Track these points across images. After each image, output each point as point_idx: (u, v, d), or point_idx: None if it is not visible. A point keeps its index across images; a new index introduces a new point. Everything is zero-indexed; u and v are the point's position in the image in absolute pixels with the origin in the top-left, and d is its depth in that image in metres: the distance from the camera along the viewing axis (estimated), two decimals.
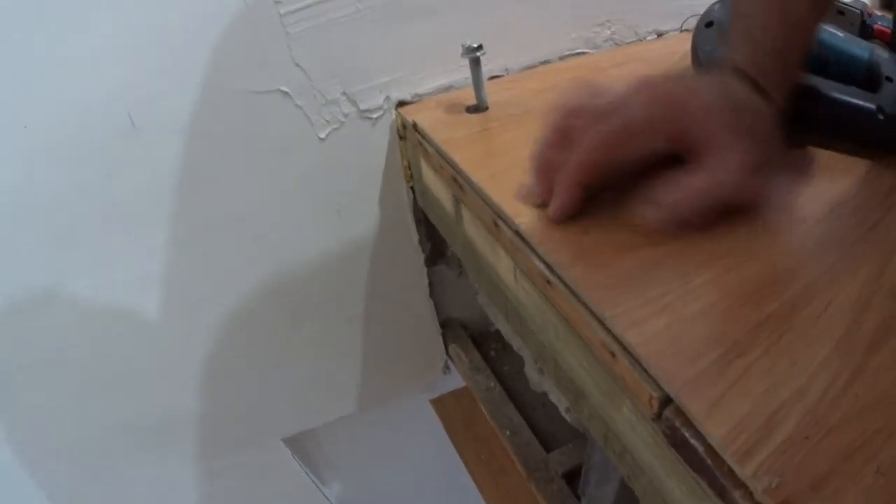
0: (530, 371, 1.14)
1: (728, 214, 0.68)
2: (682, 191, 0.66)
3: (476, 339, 1.30)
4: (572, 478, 1.06)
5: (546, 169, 0.71)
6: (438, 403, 1.42)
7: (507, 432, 1.14)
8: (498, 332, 1.28)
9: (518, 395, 1.19)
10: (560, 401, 1.03)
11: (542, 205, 0.70)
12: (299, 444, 1.33)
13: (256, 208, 0.99)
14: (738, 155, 0.66)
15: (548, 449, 1.11)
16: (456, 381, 1.35)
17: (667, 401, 0.53)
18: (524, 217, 0.71)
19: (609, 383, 0.61)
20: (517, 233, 0.70)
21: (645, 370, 0.54)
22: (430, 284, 1.20)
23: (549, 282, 0.65)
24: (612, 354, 0.57)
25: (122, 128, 0.86)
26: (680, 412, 0.52)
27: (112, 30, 0.81)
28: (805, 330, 0.56)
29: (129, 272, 0.96)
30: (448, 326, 1.29)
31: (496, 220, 0.74)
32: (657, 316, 0.57)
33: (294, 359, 1.17)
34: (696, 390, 0.51)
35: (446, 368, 1.34)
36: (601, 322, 0.59)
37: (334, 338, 1.19)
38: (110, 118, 0.85)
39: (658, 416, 0.54)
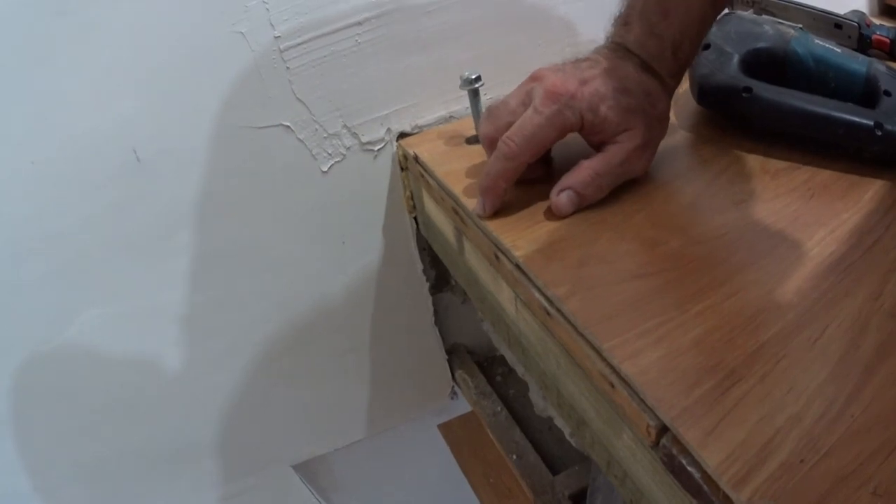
0: (535, 396, 1.15)
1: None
2: (580, 173, 0.75)
3: (482, 364, 1.30)
4: (578, 500, 1.06)
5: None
6: (446, 428, 1.42)
7: (514, 456, 1.14)
8: (503, 357, 1.28)
9: (524, 419, 1.20)
10: (564, 425, 1.04)
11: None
12: (309, 470, 1.32)
13: (262, 240, 1.00)
14: (632, 137, 0.75)
15: (554, 472, 1.11)
16: (464, 405, 1.35)
17: (664, 429, 0.54)
18: (523, 249, 0.72)
19: (609, 412, 0.62)
20: (517, 265, 0.72)
21: (642, 400, 0.55)
22: (436, 312, 1.20)
23: (548, 313, 0.66)
24: (611, 385, 0.58)
25: (127, 163, 0.87)
26: (677, 440, 0.53)
27: (115, 66, 0.82)
28: (801, 355, 0.58)
29: (138, 303, 0.97)
30: (454, 352, 1.29)
31: (496, 252, 0.75)
32: (654, 346, 0.59)
33: (302, 386, 1.17)
34: (691, 419, 0.52)
35: (453, 394, 1.34)
36: (599, 353, 0.60)
37: (341, 365, 1.18)
38: (115, 153, 0.86)
39: (656, 444, 0.55)
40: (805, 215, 0.74)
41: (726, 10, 0.96)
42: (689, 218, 0.75)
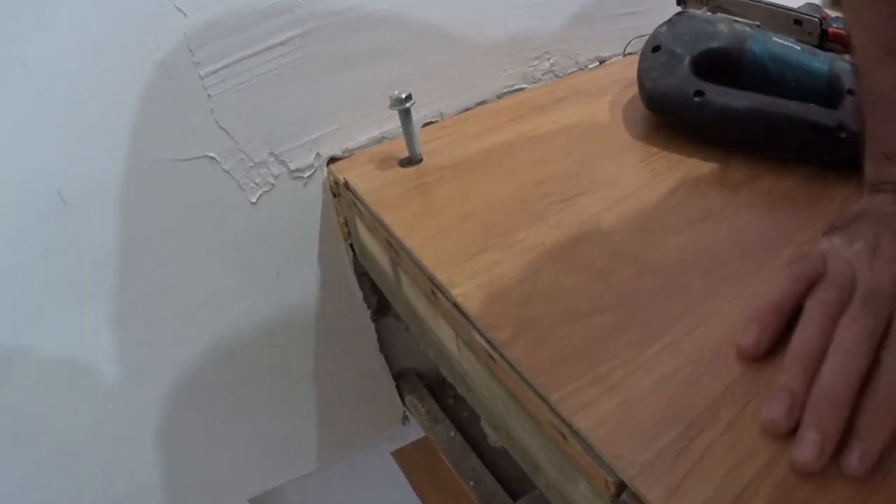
0: (487, 428, 1.12)
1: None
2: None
3: (432, 387, 1.28)
4: None
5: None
6: (400, 455, 1.40)
7: (472, 483, 1.11)
8: None
9: (479, 444, 1.17)
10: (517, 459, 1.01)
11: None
12: (265, 503, 1.30)
13: (194, 277, 0.98)
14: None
15: (514, 496, 1.08)
16: (417, 430, 1.33)
17: (624, 484, 0.50)
18: (461, 287, 0.68)
19: (563, 461, 0.58)
20: (454, 304, 0.68)
21: (598, 456, 0.51)
22: (380, 338, 1.18)
23: (491, 357, 0.62)
24: (564, 437, 0.55)
25: (53, 205, 0.84)
26: (638, 497, 0.49)
27: (35, 103, 0.79)
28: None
29: (73, 349, 0.94)
30: (403, 377, 1.27)
31: (433, 289, 0.71)
32: (608, 394, 0.55)
33: (248, 421, 1.15)
34: (652, 477, 0.49)
35: (405, 419, 1.32)
36: (548, 404, 0.56)
37: (288, 397, 1.17)
38: (40, 196, 0.83)
39: (616, 498, 0.51)
40: (769, 231, 0.72)
41: (679, 9, 0.94)
42: (641, 243, 0.72)
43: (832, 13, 0.99)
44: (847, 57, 0.84)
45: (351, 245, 1.04)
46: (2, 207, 0.82)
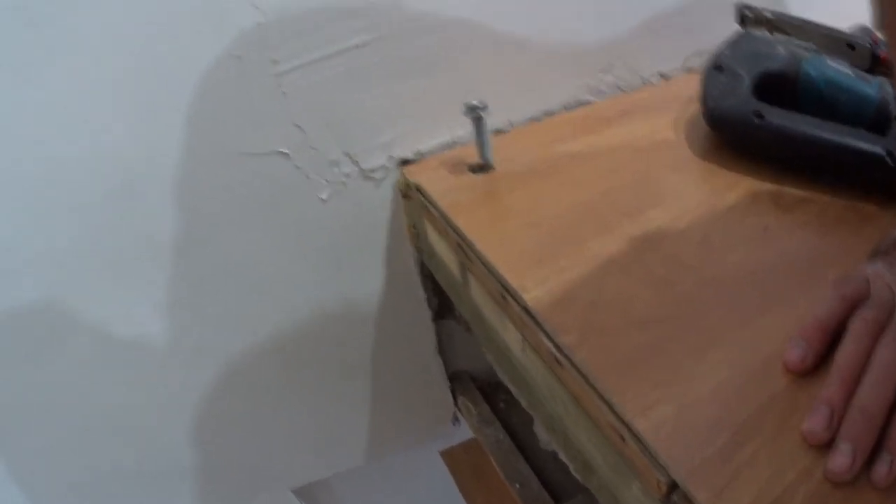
0: (540, 430, 1.15)
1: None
2: None
3: (484, 389, 1.30)
4: None
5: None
6: (448, 455, 1.43)
7: (517, 485, 1.14)
8: None
9: (527, 447, 1.20)
10: (569, 462, 1.05)
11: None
12: (309, 494, 1.33)
13: (257, 267, 1.00)
14: None
15: (557, 501, 1.11)
16: (466, 430, 1.36)
17: (675, 485, 0.55)
18: (532, 292, 0.72)
19: (618, 462, 0.63)
20: (525, 308, 0.72)
21: (654, 456, 0.56)
22: (439, 339, 1.21)
23: (557, 360, 0.67)
24: (622, 438, 0.59)
25: (117, 186, 0.87)
26: (687, 498, 0.54)
27: (107, 87, 0.82)
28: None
29: (129, 327, 0.97)
30: (457, 379, 1.30)
31: (503, 292, 0.76)
32: (667, 400, 0.59)
33: (298, 411, 1.17)
34: (702, 478, 0.53)
35: (455, 420, 1.35)
36: (610, 406, 0.60)
37: (342, 390, 1.19)
38: (108, 175, 0.87)
39: (667, 498, 0.56)
40: (819, 251, 0.75)
41: (740, 30, 0.97)
42: (701, 256, 0.76)
43: (881, 36, 1.01)
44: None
45: (417, 246, 1.06)
46: (70, 180, 0.85)
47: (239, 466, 1.19)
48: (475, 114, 0.91)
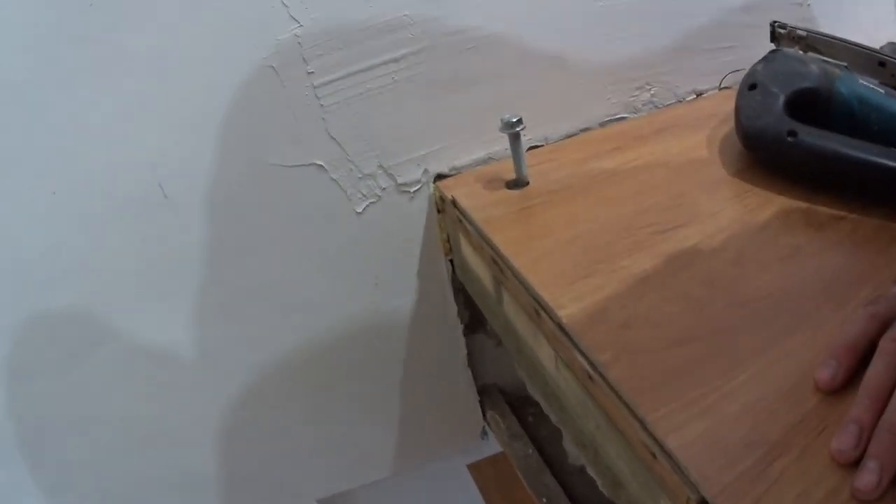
0: (569, 445, 1.16)
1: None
2: None
3: (513, 403, 1.30)
4: None
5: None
6: (476, 469, 1.43)
7: (544, 499, 1.14)
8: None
9: (555, 462, 1.19)
10: (597, 478, 1.05)
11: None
12: None
13: (290, 278, 1.02)
14: None
15: None
16: (494, 444, 1.37)
17: (704, 503, 0.55)
18: (567, 309, 0.73)
19: (648, 479, 0.63)
20: (559, 325, 0.73)
21: (685, 474, 0.57)
22: (469, 353, 1.21)
23: (590, 377, 0.68)
24: (653, 455, 0.60)
25: (153, 197, 0.89)
26: None
27: (142, 98, 0.84)
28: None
29: (160, 338, 0.99)
30: (486, 392, 1.30)
31: (537, 308, 0.77)
32: (699, 418, 0.60)
33: (326, 422, 1.18)
34: (731, 496, 0.54)
35: (484, 434, 1.35)
36: (643, 424, 0.61)
37: (368, 402, 1.20)
38: (141, 187, 0.88)
39: None
40: (850, 271, 0.75)
41: (773, 47, 0.98)
42: (734, 275, 0.76)
43: None
44: None
45: (451, 260, 1.07)
46: (102, 194, 0.87)
47: (266, 477, 1.20)
48: (512, 129, 0.91)
